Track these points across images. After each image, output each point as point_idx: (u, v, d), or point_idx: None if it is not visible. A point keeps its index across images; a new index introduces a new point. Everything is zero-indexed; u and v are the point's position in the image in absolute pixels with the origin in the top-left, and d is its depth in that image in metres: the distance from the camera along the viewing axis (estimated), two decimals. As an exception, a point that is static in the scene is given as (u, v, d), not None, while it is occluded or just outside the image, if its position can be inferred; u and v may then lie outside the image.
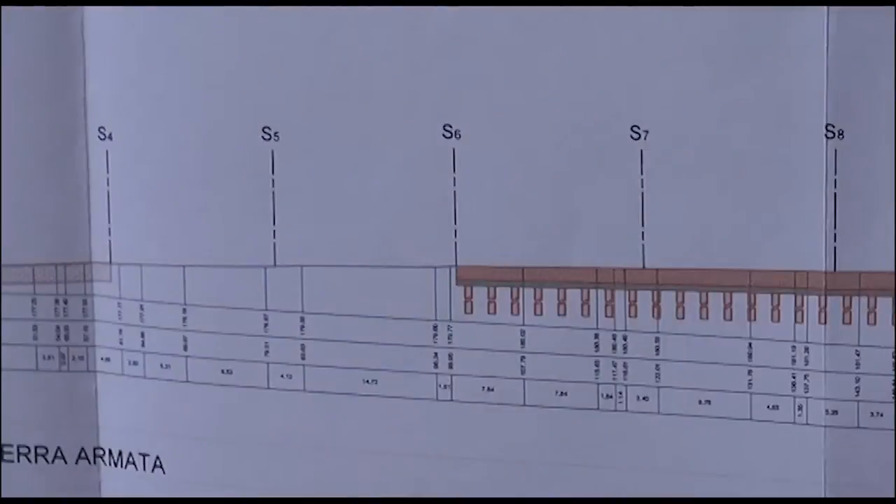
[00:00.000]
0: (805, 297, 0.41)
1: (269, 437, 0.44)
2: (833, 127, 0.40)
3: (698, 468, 0.42)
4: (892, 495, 0.40)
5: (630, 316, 0.42)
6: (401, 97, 0.42)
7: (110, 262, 0.45)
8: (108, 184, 0.45)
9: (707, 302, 0.41)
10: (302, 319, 0.44)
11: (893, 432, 0.40)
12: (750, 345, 0.41)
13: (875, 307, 0.40)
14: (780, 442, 0.41)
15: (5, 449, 0.47)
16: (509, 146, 0.42)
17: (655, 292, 0.42)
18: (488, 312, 0.43)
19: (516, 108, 0.42)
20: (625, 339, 0.42)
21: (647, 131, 0.41)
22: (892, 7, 0.39)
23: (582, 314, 0.42)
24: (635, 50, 0.41)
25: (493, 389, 0.43)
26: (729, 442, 0.41)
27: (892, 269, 0.40)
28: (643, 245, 0.41)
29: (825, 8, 0.39)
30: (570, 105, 0.41)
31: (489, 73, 0.42)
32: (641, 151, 0.41)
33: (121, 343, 0.45)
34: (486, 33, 0.41)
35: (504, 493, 0.43)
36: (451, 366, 0.43)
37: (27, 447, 0.46)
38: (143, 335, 0.45)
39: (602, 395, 0.42)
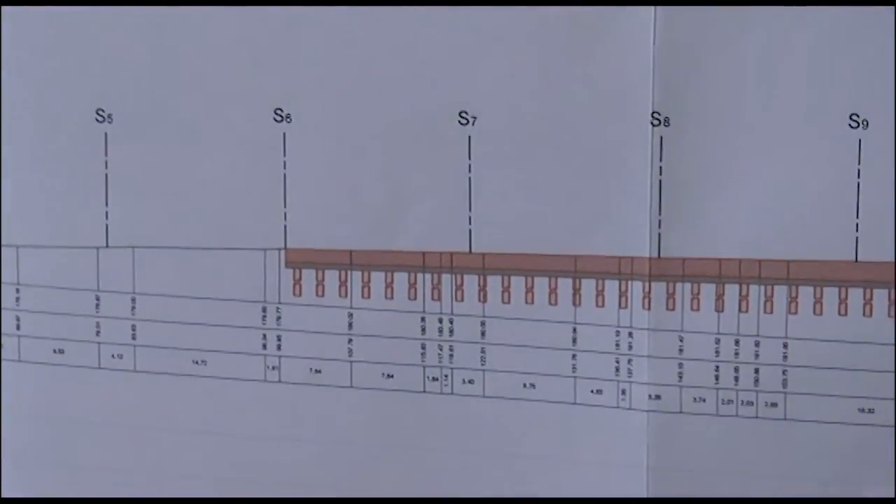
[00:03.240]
0: (629, 283, 0.41)
1: (100, 416, 0.45)
2: (659, 115, 0.40)
3: (523, 450, 0.42)
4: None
5: (456, 300, 0.42)
6: (233, 81, 0.42)
7: (-55, 242, 0.45)
8: (-58, 165, 0.45)
9: (532, 286, 0.42)
10: (133, 300, 0.44)
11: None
12: (574, 329, 0.42)
13: (699, 293, 0.41)
14: (604, 426, 0.42)
15: None
16: (339, 131, 0.42)
17: (482, 276, 0.42)
18: (317, 295, 0.43)
19: (347, 94, 0.42)
20: (451, 322, 0.42)
21: (475, 117, 0.41)
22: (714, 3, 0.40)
23: (409, 297, 0.42)
24: (464, 38, 0.41)
25: (320, 371, 0.43)
26: (553, 425, 0.42)
27: (716, 255, 0.40)
28: (470, 230, 0.42)
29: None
30: (399, 91, 0.42)
31: (321, 58, 0.42)
32: (469, 137, 0.41)
33: (-45, 322, 0.46)
34: (318, 20, 0.42)
35: (330, 473, 0.43)
36: (279, 347, 0.43)
37: None
38: (-24, 315, 0.45)
39: (428, 377, 0.43)
